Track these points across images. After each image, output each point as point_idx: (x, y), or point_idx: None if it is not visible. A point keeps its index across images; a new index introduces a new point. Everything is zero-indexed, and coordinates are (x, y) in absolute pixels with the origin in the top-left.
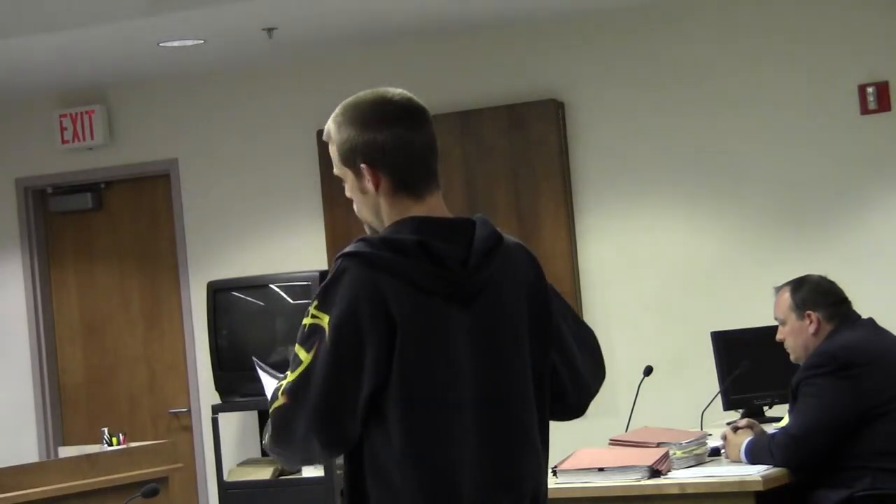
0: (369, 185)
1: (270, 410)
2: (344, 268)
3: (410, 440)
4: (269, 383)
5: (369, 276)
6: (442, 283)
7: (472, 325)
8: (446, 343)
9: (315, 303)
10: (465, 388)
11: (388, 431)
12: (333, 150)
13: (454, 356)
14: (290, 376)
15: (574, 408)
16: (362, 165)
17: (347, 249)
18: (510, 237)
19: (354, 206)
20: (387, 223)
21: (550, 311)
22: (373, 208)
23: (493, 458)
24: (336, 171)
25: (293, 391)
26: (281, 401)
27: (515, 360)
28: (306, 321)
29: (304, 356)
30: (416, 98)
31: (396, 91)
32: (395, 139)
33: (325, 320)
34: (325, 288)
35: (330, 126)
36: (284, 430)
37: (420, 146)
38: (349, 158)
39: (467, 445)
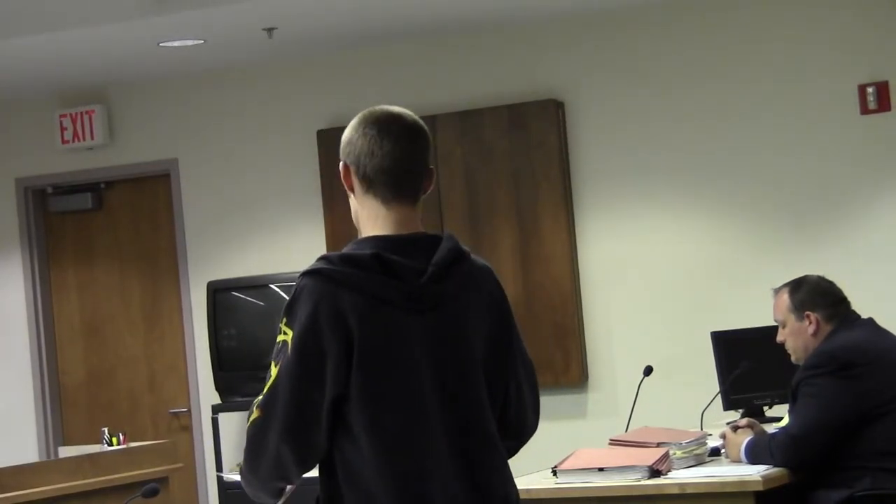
0: (347, 183)
1: (248, 424)
2: (304, 284)
3: (378, 449)
4: None
5: (328, 290)
6: (397, 294)
7: (431, 336)
8: (405, 352)
9: (283, 320)
10: (428, 396)
11: (357, 440)
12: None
13: (414, 365)
14: (264, 391)
15: (513, 432)
16: (342, 163)
17: (308, 268)
18: (479, 258)
19: None
20: (360, 223)
21: (511, 334)
22: (354, 210)
23: (463, 464)
24: None
25: (265, 404)
26: (255, 414)
27: (474, 371)
28: (279, 338)
29: (273, 371)
30: (416, 119)
31: (401, 108)
32: (369, 144)
33: (289, 335)
34: (288, 305)
35: None
36: (258, 444)
37: (396, 158)
38: (342, 158)
39: (436, 453)
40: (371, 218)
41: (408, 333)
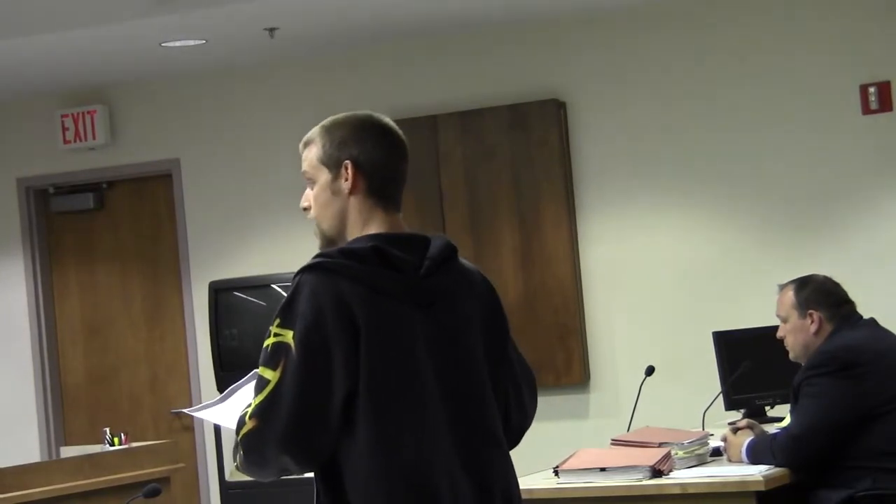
0: (345, 185)
1: (239, 438)
2: (304, 281)
3: (382, 445)
4: (221, 413)
5: (330, 283)
6: (399, 287)
7: (431, 330)
8: (408, 346)
9: (277, 321)
10: (431, 390)
11: (360, 437)
12: (314, 150)
13: (417, 359)
14: (257, 399)
15: (513, 431)
16: (347, 162)
17: (305, 264)
18: (467, 261)
19: (312, 213)
20: (349, 227)
21: (505, 330)
22: (338, 212)
23: (466, 460)
24: (306, 167)
25: (262, 413)
26: (249, 425)
27: (474, 365)
28: (268, 342)
29: (270, 375)
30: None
31: (387, 118)
32: (384, 153)
33: (289, 336)
34: (286, 305)
35: (316, 130)
36: (257, 454)
37: (400, 170)
38: (333, 157)
39: (440, 449)
40: (363, 220)
41: (410, 326)
